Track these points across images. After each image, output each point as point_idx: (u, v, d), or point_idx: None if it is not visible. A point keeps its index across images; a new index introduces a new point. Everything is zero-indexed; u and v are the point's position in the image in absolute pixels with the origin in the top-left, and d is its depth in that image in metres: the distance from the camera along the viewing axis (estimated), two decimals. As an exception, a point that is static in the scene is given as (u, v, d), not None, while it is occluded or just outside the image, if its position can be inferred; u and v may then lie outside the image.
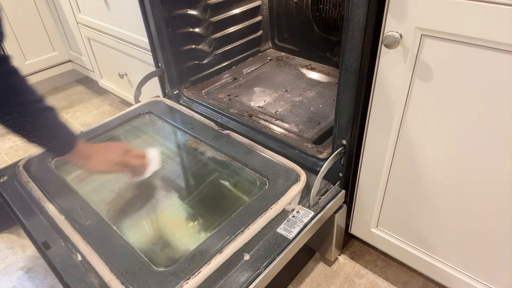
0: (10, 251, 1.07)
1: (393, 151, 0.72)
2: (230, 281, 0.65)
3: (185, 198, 0.88)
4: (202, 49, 1.22)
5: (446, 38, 0.55)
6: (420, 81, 0.61)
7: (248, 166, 0.88)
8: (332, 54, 1.28)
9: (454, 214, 0.69)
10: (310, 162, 0.88)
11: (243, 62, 1.39)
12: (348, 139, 0.77)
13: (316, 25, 1.26)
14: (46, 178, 0.87)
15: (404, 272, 0.94)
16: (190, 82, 1.23)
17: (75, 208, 0.79)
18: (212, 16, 1.21)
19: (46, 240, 0.75)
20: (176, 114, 1.10)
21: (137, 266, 0.66)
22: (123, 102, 1.77)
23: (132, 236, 0.77)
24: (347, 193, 0.85)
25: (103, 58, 1.54)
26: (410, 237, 0.80)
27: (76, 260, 0.70)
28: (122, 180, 0.91)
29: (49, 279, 0.98)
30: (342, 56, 0.68)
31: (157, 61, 1.15)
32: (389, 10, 0.59)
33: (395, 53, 0.62)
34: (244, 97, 1.17)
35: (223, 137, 0.98)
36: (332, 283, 0.92)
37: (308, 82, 1.23)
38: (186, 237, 0.78)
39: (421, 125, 0.65)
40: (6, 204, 0.85)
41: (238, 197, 0.86)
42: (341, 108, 0.75)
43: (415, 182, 0.72)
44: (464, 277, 0.74)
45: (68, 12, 1.55)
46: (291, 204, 0.78)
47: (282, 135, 0.98)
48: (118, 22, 1.30)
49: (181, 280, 0.63)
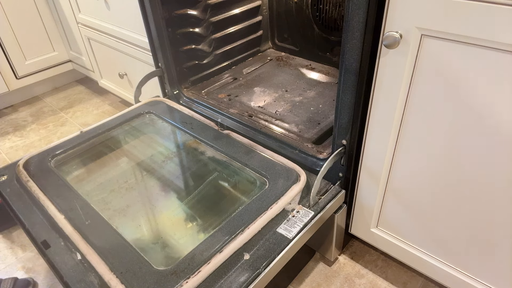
0: (10, 251, 1.07)
1: (393, 151, 0.72)
2: (230, 280, 0.65)
3: (185, 198, 0.88)
4: (202, 49, 1.22)
5: (446, 38, 0.55)
6: (420, 81, 0.61)
7: (248, 166, 0.88)
8: (332, 54, 1.28)
9: (454, 214, 0.69)
10: (310, 162, 0.88)
11: (243, 62, 1.39)
12: (348, 139, 0.77)
13: (316, 25, 1.27)
14: (46, 178, 0.87)
15: (404, 272, 0.94)
16: (190, 82, 1.23)
17: (75, 208, 0.79)
18: (212, 16, 1.21)
19: (45, 239, 0.75)
20: (176, 114, 1.10)
21: (137, 265, 0.66)
22: (123, 102, 1.77)
23: (132, 235, 0.77)
24: (347, 193, 0.85)
25: (103, 58, 1.54)
26: (410, 237, 0.80)
27: (76, 259, 0.70)
28: (122, 180, 0.91)
29: (49, 279, 0.98)
30: (342, 56, 0.68)
31: (157, 61, 1.15)
32: (389, 10, 0.59)
33: (395, 53, 0.62)
34: (244, 97, 1.17)
35: (223, 137, 0.98)
36: (332, 283, 0.92)
37: (308, 82, 1.23)
38: (186, 236, 0.78)
39: (421, 125, 0.65)
40: (6, 204, 0.85)
41: (238, 197, 0.86)
42: (341, 108, 0.75)
43: (415, 182, 0.72)
44: (464, 277, 0.74)
45: (68, 12, 1.56)
46: (291, 204, 0.78)
47: (282, 135, 0.98)
48: (118, 22, 1.30)
49: (181, 279, 0.63)
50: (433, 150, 0.66)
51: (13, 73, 1.63)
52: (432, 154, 0.67)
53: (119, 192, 0.88)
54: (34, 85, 1.76)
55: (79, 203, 0.80)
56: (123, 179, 0.92)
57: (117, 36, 1.34)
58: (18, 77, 1.65)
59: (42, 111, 1.74)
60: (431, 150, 0.66)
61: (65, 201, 0.81)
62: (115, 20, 1.31)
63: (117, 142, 1.06)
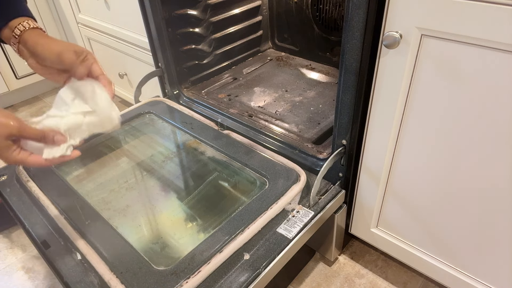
0: (10, 251, 1.07)
1: (393, 151, 0.72)
2: (230, 280, 0.65)
3: (185, 198, 0.88)
4: (202, 49, 1.22)
5: (446, 38, 0.55)
6: (420, 81, 0.61)
7: (248, 166, 0.88)
8: (332, 54, 1.28)
9: (455, 214, 0.69)
10: (310, 162, 0.88)
11: (243, 62, 1.39)
12: (348, 139, 0.77)
13: (316, 25, 1.27)
14: (46, 178, 0.87)
15: (404, 272, 0.94)
16: (190, 82, 1.23)
17: (75, 208, 0.79)
18: (212, 16, 1.21)
19: (45, 239, 0.75)
20: (176, 114, 1.10)
21: (137, 265, 0.66)
22: (123, 102, 1.77)
23: (132, 235, 0.77)
24: (347, 193, 0.85)
25: (103, 58, 1.54)
26: (410, 237, 0.80)
27: (76, 259, 0.70)
28: (122, 180, 0.91)
29: (49, 279, 0.98)
30: (342, 56, 0.68)
31: (157, 61, 1.15)
32: (389, 10, 0.59)
33: (395, 53, 0.62)
34: (244, 97, 1.17)
35: (223, 137, 0.98)
36: (332, 283, 0.92)
37: (308, 82, 1.23)
38: (186, 236, 0.78)
39: (421, 124, 0.65)
40: (5, 204, 0.85)
41: (238, 197, 0.86)
42: (341, 108, 0.75)
43: (415, 182, 0.72)
44: (464, 277, 0.74)
45: (68, 12, 1.56)
46: (291, 204, 0.78)
47: (282, 135, 0.98)
48: (118, 22, 1.30)
49: (181, 279, 0.63)
50: (433, 150, 0.66)
51: (13, 73, 1.63)
52: (432, 154, 0.67)
53: (119, 192, 0.88)
54: (34, 85, 1.76)
55: (79, 203, 0.80)
56: (123, 179, 0.92)
57: (117, 36, 1.34)
58: (18, 77, 1.65)
59: (42, 111, 1.74)
60: (431, 150, 0.66)
61: (65, 201, 0.81)
62: (115, 20, 1.31)
63: (117, 142, 1.06)
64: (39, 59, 0.58)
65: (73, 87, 0.58)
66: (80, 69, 0.57)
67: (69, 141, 0.56)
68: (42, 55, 0.57)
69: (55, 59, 0.56)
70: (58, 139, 0.55)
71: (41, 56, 0.57)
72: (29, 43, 0.57)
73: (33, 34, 0.58)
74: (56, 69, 0.58)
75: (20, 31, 0.57)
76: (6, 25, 0.58)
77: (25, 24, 0.58)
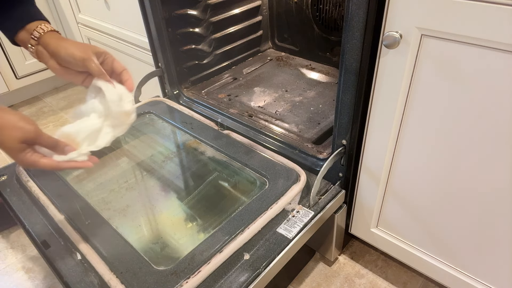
0: (10, 251, 1.07)
1: (393, 151, 0.72)
2: (230, 280, 0.65)
3: (185, 198, 0.88)
4: (202, 49, 1.22)
5: (446, 38, 0.55)
6: (420, 81, 0.61)
7: (248, 166, 0.88)
8: (332, 54, 1.28)
9: (455, 214, 0.69)
10: (310, 162, 0.88)
11: (243, 62, 1.39)
12: (348, 139, 0.77)
13: (316, 25, 1.27)
14: (46, 178, 0.87)
15: (404, 272, 0.94)
16: (190, 82, 1.23)
17: (75, 208, 0.79)
18: (212, 16, 1.21)
19: (45, 239, 0.75)
20: (176, 114, 1.10)
21: (137, 265, 0.66)
22: (123, 102, 1.76)
23: (132, 235, 0.77)
24: (347, 193, 0.85)
25: (103, 58, 1.54)
26: (410, 237, 0.80)
27: (76, 259, 0.70)
28: (122, 180, 0.91)
29: (49, 279, 0.98)
30: (342, 56, 0.68)
31: (157, 61, 1.15)
32: (389, 10, 0.59)
33: (395, 53, 0.62)
34: (244, 97, 1.17)
35: (223, 137, 0.98)
36: (332, 283, 0.92)
37: (308, 82, 1.23)
38: (186, 236, 0.78)
39: (421, 124, 0.65)
40: (5, 204, 0.85)
41: (238, 197, 0.86)
42: (341, 108, 0.75)
43: (415, 181, 0.72)
44: (464, 277, 0.74)
45: (68, 12, 1.55)
46: (291, 204, 0.78)
47: (282, 135, 0.98)
48: (118, 22, 1.30)
49: (181, 280, 0.63)
50: (433, 150, 0.66)
51: (13, 73, 1.63)
52: (432, 154, 0.67)
53: (119, 192, 0.88)
54: (34, 85, 1.76)
55: (79, 203, 0.80)
56: (123, 179, 0.92)
57: (117, 36, 1.34)
58: (18, 77, 1.65)
59: (42, 111, 1.74)
60: (432, 150, 0.66)
61: (65, 201, 0.81)
62: (115, 20, 1.31)
63: (117, 142, 1.06)
64: (61, 61, 0.60)
65: (91, 89, 0.62)
66: (102, 70, 0.60)
67: (82, 150, 0.58)
68: (65, 58, 0.59)
69: (78, 63, 0.59)
70: (68, 150, 0.57)
71: (64, 59, 0.59)
72: (51, 46, 0.59)
73: (53, 37, 0.60)
74: (75, 70, 0.61)
75: (39, 33, 0.59)
76: (23, 28, 0.60)
77: (43, 27, 0.60)
